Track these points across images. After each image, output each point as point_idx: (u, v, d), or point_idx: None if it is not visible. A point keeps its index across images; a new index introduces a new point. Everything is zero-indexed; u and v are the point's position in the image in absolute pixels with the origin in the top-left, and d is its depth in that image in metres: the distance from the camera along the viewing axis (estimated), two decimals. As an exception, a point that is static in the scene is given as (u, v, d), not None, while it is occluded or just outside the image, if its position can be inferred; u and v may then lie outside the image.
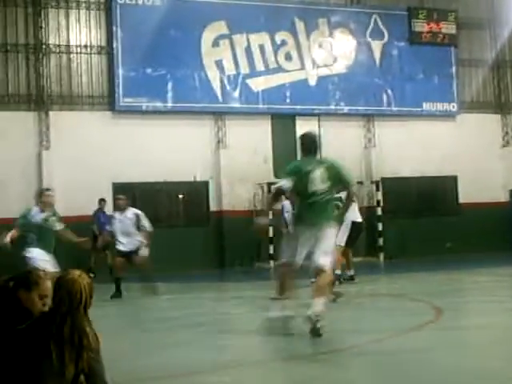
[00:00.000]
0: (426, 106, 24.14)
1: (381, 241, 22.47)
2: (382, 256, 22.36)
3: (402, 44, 23.94)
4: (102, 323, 4.65)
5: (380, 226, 22.47)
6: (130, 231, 13.91)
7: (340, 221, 9.85)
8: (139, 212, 14.19)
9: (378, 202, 22.65)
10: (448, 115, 24.47)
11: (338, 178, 8.67)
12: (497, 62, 25.42)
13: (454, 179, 24.33)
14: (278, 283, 8.65)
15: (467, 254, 20.73)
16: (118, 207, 14.50)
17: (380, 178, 22.99)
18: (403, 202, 23.59)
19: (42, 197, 11.70)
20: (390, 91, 23.71)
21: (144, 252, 13.81)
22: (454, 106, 24.45)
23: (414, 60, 23.96)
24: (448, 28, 24.20)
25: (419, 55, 23.94)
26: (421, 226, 22.91)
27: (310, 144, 9.05)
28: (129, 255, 13.81)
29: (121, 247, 14.00)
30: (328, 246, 8.42)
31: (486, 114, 25.11)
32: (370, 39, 23.64)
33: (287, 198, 13.95)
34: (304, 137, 9.21)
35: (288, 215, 15.47)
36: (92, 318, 4.13)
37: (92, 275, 16.49)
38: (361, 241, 17.38)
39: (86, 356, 4.02)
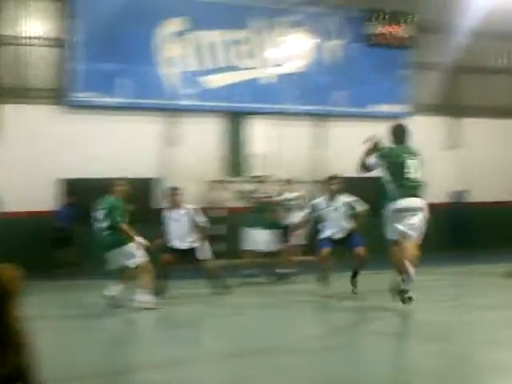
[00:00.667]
0: (379, 108, 24.37)
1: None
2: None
3: (357, 45, 24.03)
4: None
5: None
6: (186, 230, 13.20)
7: None
8: (194, 206, 13.55)
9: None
10: (400, 117, 24.61)
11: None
12: (447, 65, 25.71)
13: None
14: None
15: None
16: (173, 203, 13.44)
17: (330, 178, 23.19)
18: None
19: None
20: (344, 92, 23.84)
21: (207, 253, 13.31)
22: (405, 109, 24.70)
23: (370, 62, 24.05)
24: (404, 31, 24.37)
25: (375, 57, 24.04)
26: (367, 226, 23.09)
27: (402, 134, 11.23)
28: (184, 254, 13.10)
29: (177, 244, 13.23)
30: None
31: (436, 116, 25.48)
32: (326, 40, 23.71)
33: None
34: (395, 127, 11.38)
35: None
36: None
37: None
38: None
39: (16, 354, 3.90)
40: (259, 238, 15.42)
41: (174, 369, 6.89)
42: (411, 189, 10.53)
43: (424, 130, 24.86)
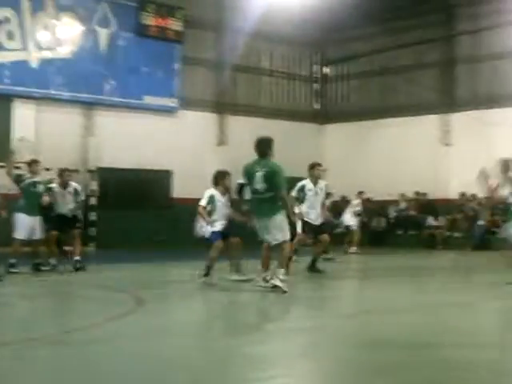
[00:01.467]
0: (148, 100, 24.38)
1: (93, 231, 22.46)
2: (93, 246, 22.31)
3: (128, 35, 23.85)
4: None
5: (94, 216, 22.49)
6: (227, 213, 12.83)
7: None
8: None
9: (93, 191, 22.67)
10: (168, 110, 24.92)
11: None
12: (218, 63, 26.31)
13: (170, 174, 24.83)
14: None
15: (180, 246, 21.10)
16: (224, 188, 12.95)
17: (96, 168, 22.94)
18: (120, 193, 23.56)
19: None
20: (113, 81, 23.58)
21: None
22: (174, 102, 24.92)
23: (140, 53, 24.01)
24: (175, 24, 24.50)
25: (145, 48, 24.02)
26: (136, 217, 23.11)
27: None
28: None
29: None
30: None
31: (204, 112, 25.95)
32: (96, 27, 23.28)
33: None
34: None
35: None
36: None
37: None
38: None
39: None
40: (26, 225, 14.79)
41: None
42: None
43: (194, 125, 25.36)
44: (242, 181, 12.34)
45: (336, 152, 28.40)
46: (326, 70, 29.83)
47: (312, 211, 14.51)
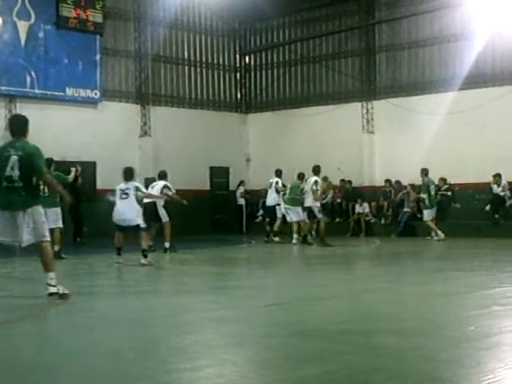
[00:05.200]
0: (69, 92, 24.12)
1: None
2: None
3: (48, 27, 23.59)
4: None
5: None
6: None
7: None
8: None
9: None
10: (91, 102, 24.68)
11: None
12: (139, 54, 26.14)
13: (94, 165, 24.60)
14: None
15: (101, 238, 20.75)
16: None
17: (19, 161, 22.51)
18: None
19: None
20: (33, 73, 23.29)
21: None
22: (96, 94, 24.69)
23: (60, 44, 23.78)
24: (95, 16, 24.25)
25: (65, 40, 23.81)
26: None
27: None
28: None
29: None
30: None
31: (127, 103, 25.79)
32: (16, 19, 22.96)
33: None
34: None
35: None
36: None
37: None
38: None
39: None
40: None
41: None
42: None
43: (116, 117, 25.16)
44: None
45: (259, 141, 28.57)
46: (247, 59, 29.91)
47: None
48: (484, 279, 11.88)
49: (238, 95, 29.74)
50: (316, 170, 20.34)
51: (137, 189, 14.77)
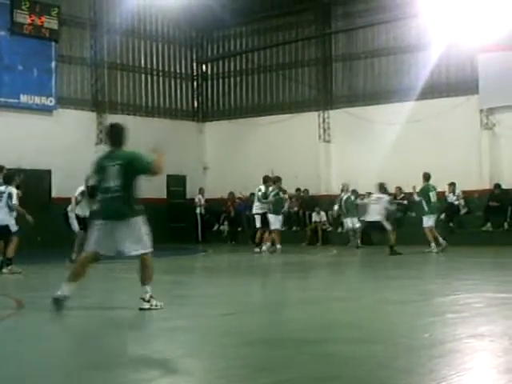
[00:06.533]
0: (24, 99, 23.89)
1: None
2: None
3: (2, 33, 23.43)
4: None
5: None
6: None
7: None
8: None
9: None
10: (46, 109, 24.46)
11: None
12: (95, 61, 25.97)
13: (48, 173, 24.35)
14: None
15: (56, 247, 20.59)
16: None
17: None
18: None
19: None
20: (-11, 81, 23.02)
21: None
22: (51, 101, 24.49)
23: (15, 51, 23.60)
24: (50, 23, 24.07)
25: (20, 47, 23.61)
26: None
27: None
28: None
29: None
30: None
31: (82, 110, 25.60)
32: (-31, 25, 22.68)
33: None
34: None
35: None
36: None
37: None
38: None
39: None
40: None
41: None
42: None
43: (72, 124, 24.93)
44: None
45: (216, 150, 28.54)
46: (204, 68, 29.90)
47: None
48: (439, 287, 12.00)
49: (195, 104, 29.69)
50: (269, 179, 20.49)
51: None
